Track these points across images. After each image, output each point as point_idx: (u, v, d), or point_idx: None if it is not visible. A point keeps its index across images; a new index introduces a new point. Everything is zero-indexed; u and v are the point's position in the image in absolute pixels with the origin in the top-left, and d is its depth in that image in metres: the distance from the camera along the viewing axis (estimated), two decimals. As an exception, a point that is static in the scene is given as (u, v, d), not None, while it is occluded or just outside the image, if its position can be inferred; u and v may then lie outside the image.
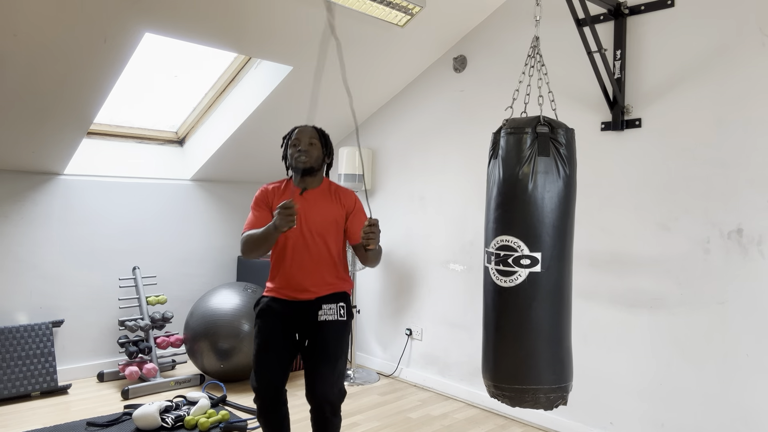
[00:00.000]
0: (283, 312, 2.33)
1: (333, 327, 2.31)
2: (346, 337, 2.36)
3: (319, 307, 2.32)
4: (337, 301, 2.36)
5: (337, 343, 2.30)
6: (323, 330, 2.30)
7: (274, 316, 2.33)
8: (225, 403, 3.40)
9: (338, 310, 2.34)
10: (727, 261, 2.52)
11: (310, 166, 2.36)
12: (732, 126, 2.52)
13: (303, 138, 2.38)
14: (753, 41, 2.46)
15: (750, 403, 2.45)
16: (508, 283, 1.91)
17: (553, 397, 1.91)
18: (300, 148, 2.36)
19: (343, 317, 2.34)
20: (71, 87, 2.97)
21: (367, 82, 3.81)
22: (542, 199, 1.87)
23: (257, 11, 2.90)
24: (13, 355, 3.41)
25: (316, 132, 2.43)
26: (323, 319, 2.30)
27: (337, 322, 2.32)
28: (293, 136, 2.42)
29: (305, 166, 2.35)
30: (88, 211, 3.87)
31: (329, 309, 2.33)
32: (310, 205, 2.36)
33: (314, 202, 2.37)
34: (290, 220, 2.05)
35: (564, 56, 3.11)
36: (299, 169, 2.36)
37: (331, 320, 2.31)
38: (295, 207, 2.05)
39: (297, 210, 2.08)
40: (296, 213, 2.07)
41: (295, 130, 2.43)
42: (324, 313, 2.31)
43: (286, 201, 2.06)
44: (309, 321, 2.32)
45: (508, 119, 1.99)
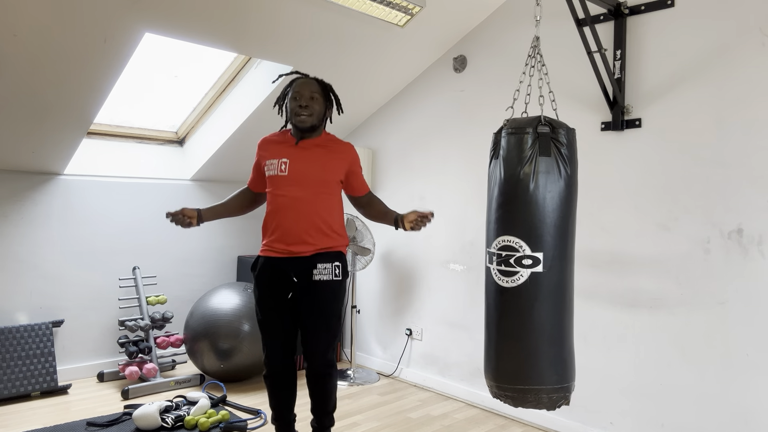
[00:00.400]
0: (279, 274, 2.28)
1: (328, 287, 2.26)
2: (341, 297, 2.31)
3: (314, 265, 2.25)
4: (333, 260, 2.29)
5: (332, 305, 2.27)
6: (318, 290, 2.25)
7: (271, 283, 2.29)
8: (225, 403, 3.40)
9: (333, 270, 2.28)
10: (727, 261, 2.53)
11: (311, 124, 2.25)
12: (732, 126, 2.52)
13: (304, 92, 2.24)
14: (753, 41, 2.47)
15: (750, 403, 2.46)
16: (509, 284, 1.91)
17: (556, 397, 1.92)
18: (300, 103, 2.23)
19: (338, 277, 2.29)
20: (71, 87, 2.97)
21: (367, 82, 3.81)
22: (544, 199, 1.88)
23: (257, 11, 2.90)
24: (13, 355, 3.41)
25: (318, 85, 2.29)
26: (318, 279, 2.24)
27: (332, 282, 2.27)
28: (293, 89, 2.27)
29: (306, 124, 2.24)
30: (88, 211, 3.87)
31: (324, 269, 2.26)
32: (306, 154, 2.26)
33: (310, 151, 2.27)
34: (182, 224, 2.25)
35: (564, 56, 3.11)
36: (300, 127, 2.26)
37: (326, 280, 2.25)
38: (170, 216, 2.25)
39: (174, 217, 2.25)
40: (177, 219, 2.25)
41: (295, 82, 2.28)
42: (319, 272, 2.24)
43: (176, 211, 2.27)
44: (304, 280, 2.26)
45: (509, 119, 1.99)
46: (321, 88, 2.29)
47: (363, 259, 3.94)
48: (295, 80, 2.30)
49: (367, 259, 3.93)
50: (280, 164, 2.27)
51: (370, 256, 3.91)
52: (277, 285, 2.30)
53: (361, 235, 3.92)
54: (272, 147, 2.34)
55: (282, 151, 2.31)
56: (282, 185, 2.26)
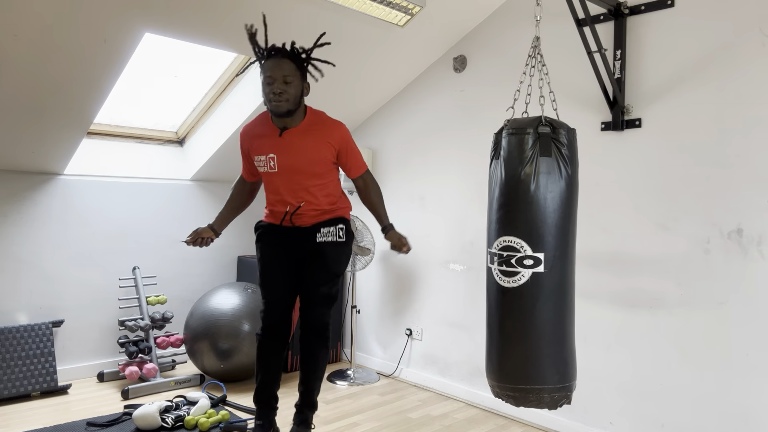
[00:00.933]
0: (282, 234, 2.29)
1: (331, 248, 2.27)
2: (345, 258, 2.31)
3: (318, 230, 2.26)
4: (336, 224, 2.29)
5: (335, 264, 2.27)
6: (322, 250, 2.26)
7: (274, 238, 2.29)
8: (225, 403, 3.40)
9: (337, 232, 2.28)
10: (727, 261, 2.53)
11: (287, 110, 2.14)
12: (732, 126, 2.52)
13: (276, 75, 2.10)
14: (753, 41, 2.47)
15: (750, 403, 2.46)
16: (511, 284, 1.92)
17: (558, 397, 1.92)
18: (274, 90, 2.10)
19: (342, 238, 2.29)
20: (71, 87, 2.97)
21: (367, 82, 3.81)
22: (544, 199, 1.88)
23: (257, 11, 2.90)
24: (13, 355, 3.41)
25: (293, 64, 2.13)
26: (322, 240, 2.26)
27: (335, 243, 2.27)
28: (264, 70, 2.12)
29: (282, 110, 2.13)
30: (88, 211, 3.87)
31: (328, 231, 2.27)
32: (292, 147, 2.18)
33: (296, 142, 2.19)
34: (202, 244, 2.26)
35: (564, 56, 3.11)
36: (275, 113, 2.15)
37: (330, 241, 2.27)
38: (190, 241, 2.26)
39: (194, 242, 2.28)
40: (198, 242, 2.27)
41: (265, 61, 2.14)
42: (322, 235, 2.26)
43: (193, 234, 2.29)
44: (308, 243, 2.27)
45: (510, 119, 1.99)
46: (296, 66, 2.14)
47: (363, 259, 3.94)
48: (267, 59, 2.15)
49: (367, 259, 3.93)
50: (269, 161, 2.24)
51: (370, 256, 3.92)
52: (281, 244, 2.30)
53: (361, 235, 3.92)
54: (256, 141, 2.28)
55: (267, 146, 2.25)
56: (275, 180, 2.25)
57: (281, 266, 2.30)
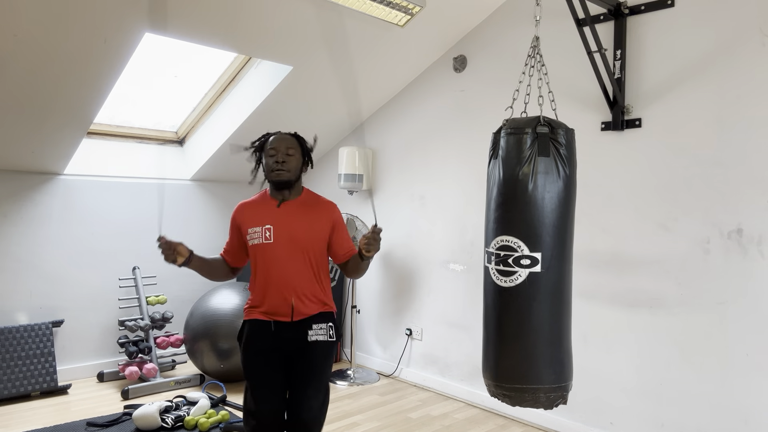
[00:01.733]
0: (270, 338, 2.18)
1: (322, 347, 2.20)
2: (332, 358, 2.26)
3: (309, 326, 2.19)
4: (327, 321, 2.23)
5: (325, 364, 2.21)
6: (313, 350, 2.18)
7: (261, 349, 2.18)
8: (225, 403, 3.41)
9: (328, 330, 2.23)
10: (727, 261, 2.52)
11: (288, 179, 2.18)
12: (732, 126, 2.52)
13: (280, 147, 2.18)
14: (753, 41, 2.47)
15: (750, 403, 2.45)
16: (508, 283, 1.91)
17: (553, 397, 1.92)
18: (277, 159, 2.16)
19: (332, 338, 2.24)
20: (71, 87, 2.97)
21: (367, 82, 3.81)
22: (542, 199, 1.87)
23: (257, 11, 2.90)
24: (13, 355, 3.41)
25: (295, 140, 2.24)
26: (314, 339, 2.19)
27: (326, 342, 2.21)
28: (269, 145, 2.20)
29: (282, 179, 2.17)
30: (88, 211, 3.87)
31: (320, 329, 2.21)
32: (290, 218, 2.19)
33: (294, 214, 2.20)
34: (167, 255, 2.09)
35: (564, 56, 3.11)
36: (277, 183, 2.19)
37: (321, 341, 2.20)
38: (162, 241, 2.08)
39: (166, 245, 2.09)
40: (167, 248, 2.09)
41: (270, 138, 2.23)
42: (314, 333, 2.19)
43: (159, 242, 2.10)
44: (298, 341, 2.18)
45: (508, 119, 1.99)
46: (297, 143, 2.23)
47: (363, 259, 3.94)
48: (270, 136, 2.24)
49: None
50: (264, 231, 2.18)
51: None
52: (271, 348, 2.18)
53: (361, 235, 3.92)
54: (253, 213, 2.23)
55: (264, 217, 2.20)
56: (268, 254, 2.16)
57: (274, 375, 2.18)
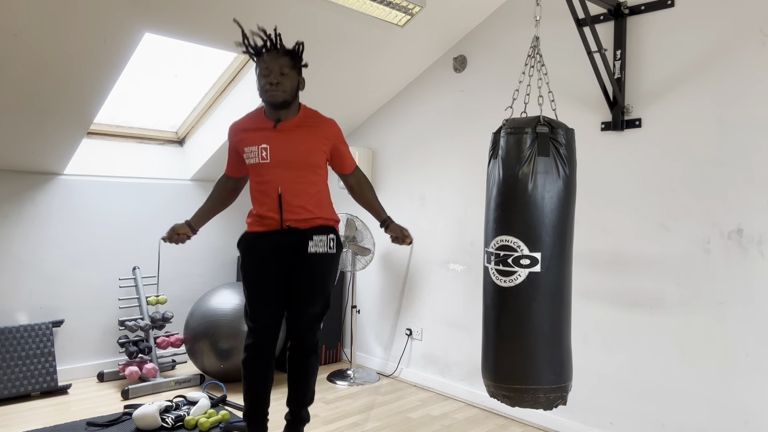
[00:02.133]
0: (270, 248, 2.16)
1: (323, 260, 2.17)
2: (335, 270, 2.23)
3: (310, 237, 2.15)
4: (327, 233, 2.19)
5: (326, 278, 2.19)
6: (313, 262, 2.15)
7: (261, 256, 2.16)
8: (225, 403, 3.40)
9: (328, 242, 2.19)
10: (727, 261, 2.52)
11: (284, 100, 2.11)
12: (732, 126, 2.52)
13: (273, 67, 2.10)
14: (753, 41, 2.46)
15: (750, 403, 2.45)
16: (507, 283, 1.91)
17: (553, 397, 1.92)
18: (270, 80, 2.09)
19: (333, 249, 2.20)
20: (71, 87, 2.97)
21: (367, 82, 3.81)
22: (542, 199, 1.87)
23: (257, 11, 2.90)
24: (13, 355, 3.41)
25: (289, 57, 2.13)
26: (313, 251, 2.15)
27: (326, 255, 2.18)
28: (261, 63, 2.11)
29: (278, 100, 2.10)
30: (88, 211, 3.87)
31: (320, 240, 2.16)
32: (286, 138, 2.14)
33: (291, 134, 2.15)
34: (177, 241, 2.17)
35: (564, 56, 3.11)
36: (271, 104, 2.12)
37: (321, 252, 2.16)
38: (166, 238, 2.15)
39: (170, 238, 2.16)
40: (173, 239, 2.16)
41: (263, 55, 2.13)
42: (314, 244, 2.15)
43: (171, 230, 2.16)
44: (298, 253, 2.16)
45: (508, 119, 1.99)
46: (292, 61, 2.14)
47: (363, 259, 3.94)
48: (263, 52, 2.14)
49: (367, 259, 3.93)
50: (261, 151, 2.15)
51: (370, 256, 3.91)
52: (270, 258, 2.17)
53: (361, 235, 3.92)
54: (248, 134, 2.19)
55: (260, 137, 2.17)
56: (265, 172, 2.15)
57: (272, 285, 2.17)
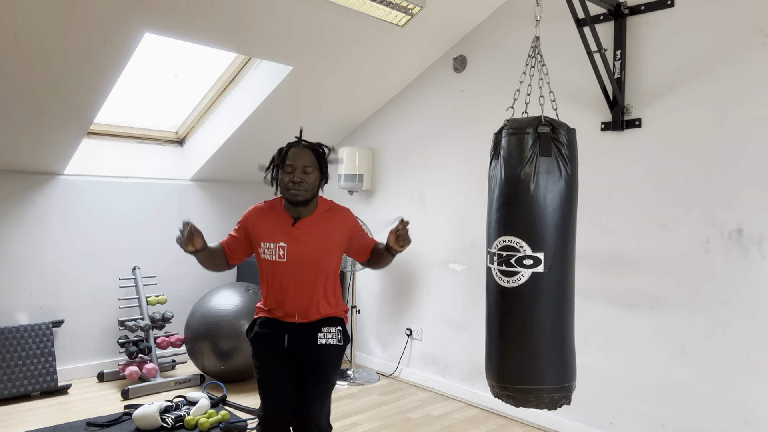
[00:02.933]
0: (280, 334, 2.18)
1: (331, 351, 2.19)
2: (340, 364, 2.25)
3: (319, 329, 2.18)
4: (336, 325, 2.22)
5: (334, 368, 2.20)
6: (322, 353, 2.17)
7: (272, 340, 2.18)
8: (225, 403, 3.40)
9: (337, 334, 2.21)
10: (727, 261, 2.53)
11: (305, 199, 2.13)
12: (732, 126, 2.52)
13: (297, 164, 2.11)
14: (753, 41, 2.47)
15: (750, 403, 2.46)
16: (510, 284, 1.92)
17: (557, 397, 1.92)
18: (294, 178, 2.10)
19: (341, 342, 2.23)
20: (71, 87, 2.97)
21: (367, 82, 3.81)
22: (544, 199, 1.88)
23: (257, 11, 2.90)
24: (13, 355, 3.41)
25: (313, 155, 2.16)
26: (323, 343, 2.17)
27: (335, 346, 2.20)
28: (286, 160, 2.14)
29: (299, 199, 2.12)
30: (88, 211, 3.87)
31: (329, 332, 2.19)
32: (305, 237, 2.15)
33: (309, 231, 2.16)
34: (184, 241, 2.03)
35: (564, 56, 3.11)
36: (292, 202, 2.14)
37: (330, 344, 2.18)
38: (187, 228, 2.01)
39: (188, 231, 2.03)
40: (188, 235, 2.03)
41: (289, 151, 2.15)
42: (324, 336, 2.18)
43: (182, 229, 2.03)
44: (307, 343, 2.17)
45: (509, 119, 1.99)
46: (315, 158, 2.17)
47: (363, 259, 3.94)
48: (288, 148, 2.17)
49: (367, 259, 3.93)
50: (278, 249, 2.14)
51: (370, 256, 3.91)
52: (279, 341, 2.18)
53: (361, 235, 3.92)
54: (268, 226, 2.18)
55: (278, 234, 2.16)
56: (280, 272, 2.15)
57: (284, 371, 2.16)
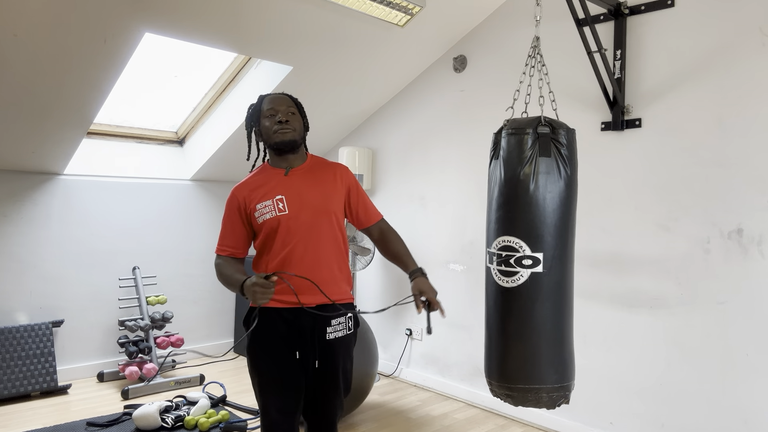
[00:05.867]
0: (285, 330, 1.97)
1: (342, 344, 2.03)
2: (352, 349, 2.10)
3: (328, 322, 1.99)
4: (344, 313, 2.04)
5: (348, 361, 2.06)
6: (332, 349, 2.01)
7: (274, 345, 1.96)
8: (225, 403, 3.40)
9: (347, 323, 2.05)
10: (727, 261, 2.53)
11: (294, 139, 1.99)
12: (732, 126, 2.52)
13: (280, 107, 2.00)
14: (753, 41, 2.47)
15: (749, 403, 2.46)
16: (510, 284, 1.92)
17: (556, 397, 1.92)
18: (280, 118, 1.97)
19: (351, 330, 2.07)
20: (71, 87, 2.97)
21: (367, 82, 3.81)
22: (544, 199, 1.88)
23: (257, 11, 2.90)
24: (13, 355, 3.41)
25: (291, 100, 2.05)
26: (332, 338, 2.00)
27: (345, 337, 2.04)
28: (265, 105, 2.02)
29: (288, 138, 1.97)
30: (88, 211, 3.87)
31: (338, 324, 2.02)
32: (301, 185, 2.00)
33: (305, 179, 2.01)
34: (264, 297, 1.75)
35: (564, 56, 3.11)
36: (282, 143, 1.98)
37: (340, 337, 2.02)
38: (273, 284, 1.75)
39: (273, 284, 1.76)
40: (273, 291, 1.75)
41: (266, 98, 2.04)
42: (333, 330, 2.00)
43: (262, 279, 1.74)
44: (315, 339, 1.98)
45: (509, 119, 1.99)
46: (296, 104, 2.07)
47: (363, 259, 3.94)
48: (265, 97, 2.06)
49: (367, 259, 3.93)
50: (276, 203, 1.96)
51: (370, 256, 3.91)
52: (283, 339, 1.98)
53: (361, 235, 3.92)
54: (257, 190, 2.01)
55: (273, 188, 2.00)
56: (284, 227, 1.95)
57: (291, 372, 1.97)
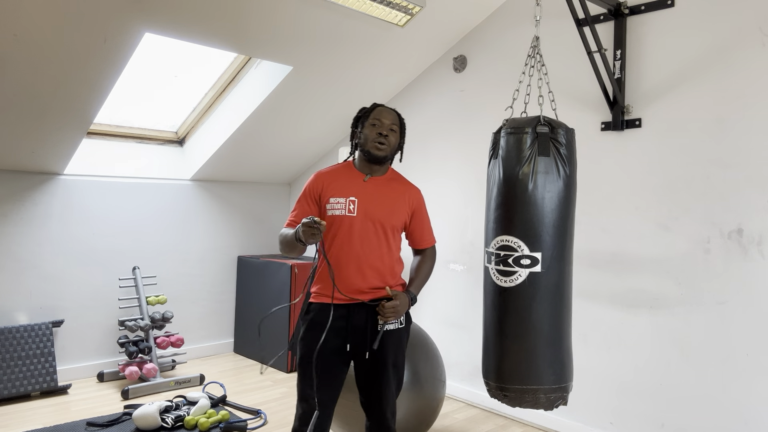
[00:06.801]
0: (337, 324, 2.04)
1: (395, 337, 2.08)
2: (405, 343, 2.15)
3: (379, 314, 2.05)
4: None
5: (399, 355, 2.11)
6: (385, 342, 2.06)
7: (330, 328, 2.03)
8: (225, 403, 3.40)
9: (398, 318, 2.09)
10: (727, 261, 2.52)
11: (385, 155, 2.11)
12: (732, 126, 2.52)
13: (385, 121, 2.11)
14: (753, 41, 2.47)
15: (750, 403, 2.45)
16: (508, 283, 1.91)
17: (554, 397, 1.92)
18: (381, 131, 2.09)
19: (403, 324, 2.12)
20: (71, 87, 2.97)
21: (368, 82, 3.81)
22: (542, 199, 1.87)
23: (257, 11, 2.90)
24: (13, 355, 3.41)
25: (398, 118, 2.17)
26: (384, 329, 2.05)
27: (398, 330, 2.09)
28: (373, 114, 2.14)
29: (380, 154, 2.10)
30: (88, 211, 3.87)
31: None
32: (375, 194, 2.11)
33: (379, 190, 2.12)
34: (313, 235, 1.85)
35: (564, 56, 3.11)
36: (373, 156, 2.10)
37: (393, 329, 2.07)
38: (320, 225, 1.85)
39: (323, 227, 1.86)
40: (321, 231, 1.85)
41: (376, 108, 2.15)
42: (386, 321, 2.05)
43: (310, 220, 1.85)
44: (368, 330, 2.05)
45: (508, 119, 1.99)
46: (399, 123, 2.18)
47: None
48: (376, 107, 2.18)
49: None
50: (348, 203, 2.09)
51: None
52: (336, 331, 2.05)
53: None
54: (337, 183, 2.13)
55: (349, 188, 2.12)
56: (346, 228, 2.07)
57: (335, 365, 2.06)
